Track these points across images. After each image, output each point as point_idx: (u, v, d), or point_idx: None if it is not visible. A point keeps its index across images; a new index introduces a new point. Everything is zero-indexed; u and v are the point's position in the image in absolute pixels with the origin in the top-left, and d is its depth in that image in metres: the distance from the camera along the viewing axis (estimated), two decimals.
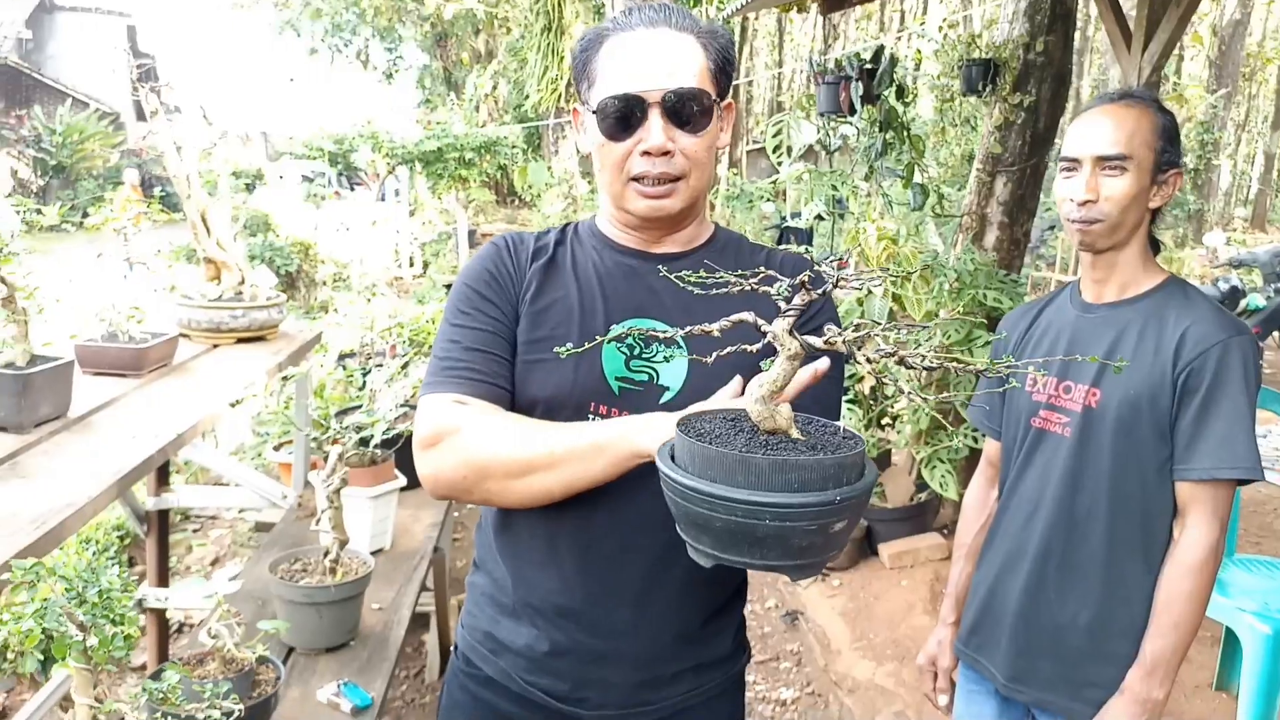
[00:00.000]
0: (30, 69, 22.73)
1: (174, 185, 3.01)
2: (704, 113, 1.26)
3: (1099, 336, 1.73)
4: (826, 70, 4.37)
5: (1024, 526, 1.82)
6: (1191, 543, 1.63)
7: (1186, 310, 1.65)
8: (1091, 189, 1.66)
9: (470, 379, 1.27)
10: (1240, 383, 1.59)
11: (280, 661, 2.02)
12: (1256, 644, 2.69)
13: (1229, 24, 18.31)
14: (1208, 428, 1.60)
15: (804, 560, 0.94)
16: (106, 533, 4.30)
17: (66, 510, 1.71)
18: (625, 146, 1.25)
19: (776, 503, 0.89)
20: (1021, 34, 4.30)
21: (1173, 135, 1.69)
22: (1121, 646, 1.70)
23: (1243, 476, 1.60)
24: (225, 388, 2.67)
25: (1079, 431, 1.72)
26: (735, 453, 0.91)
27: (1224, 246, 11.70)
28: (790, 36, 24.83)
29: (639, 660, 1.33)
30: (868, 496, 0.96)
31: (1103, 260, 1.73)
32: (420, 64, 25.77)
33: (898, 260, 4.19)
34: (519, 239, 1.40)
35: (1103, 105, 1.70)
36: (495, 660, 1.38)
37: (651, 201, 1.28)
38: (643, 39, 1.25)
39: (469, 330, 1.31)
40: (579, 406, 1.28)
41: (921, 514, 4.41)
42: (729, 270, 1.32)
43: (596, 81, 1.27)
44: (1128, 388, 1.66)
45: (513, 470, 1.20)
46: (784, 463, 0.90)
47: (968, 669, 1.96)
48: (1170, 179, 1.70)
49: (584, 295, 1.33)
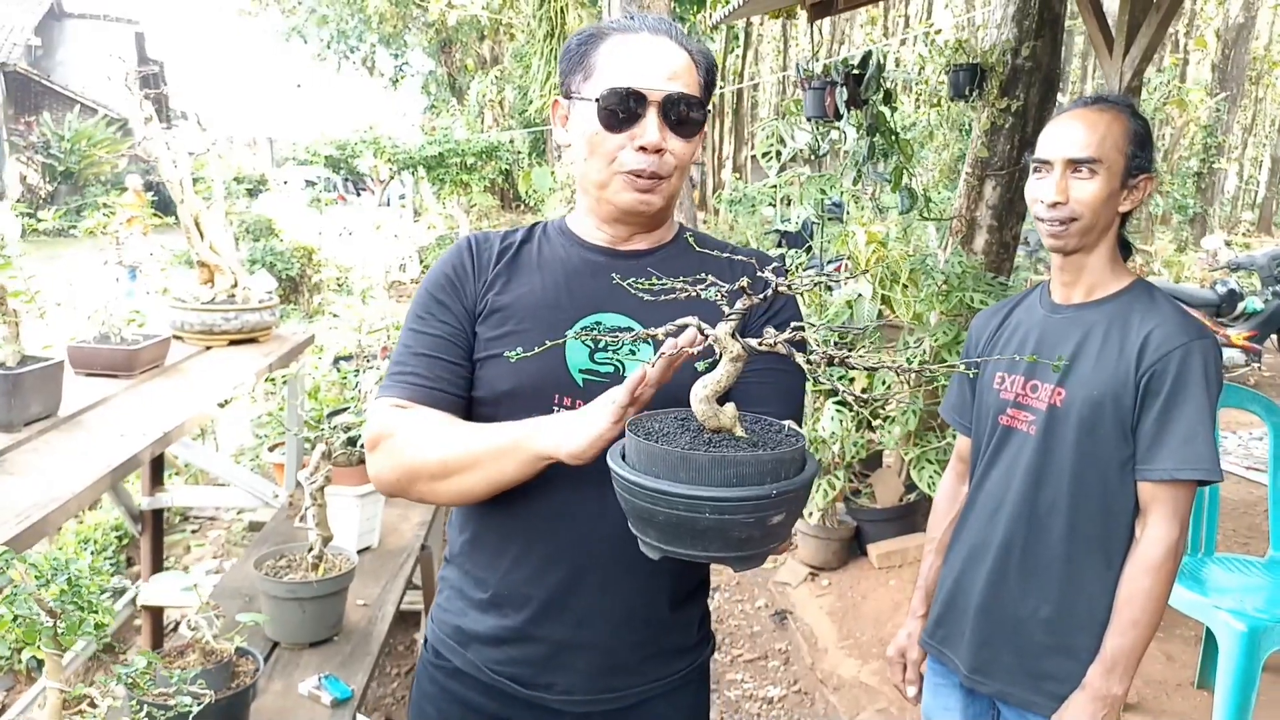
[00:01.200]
0: (39, 75, 22.90)
1: (168, 190, 3.07)
2: (696, 120, 1.32)
3: (1065, 337, 1.77)
4: (813, 75, 4.41)
5: (988, 521, 1.85)
6: (1152, 541, 1.66)
7: (1151, 313, 1.69)
8: (1061, 191, 1.69)
9: (414, 384, 1.32)
10: (1201, 385, 1.63)
11: (261, 654, 2.06)
12: (1232, 641, 2.71)
13: (1233, 28, 18.30)
14: (1169, 429, 1.63)
15: (745, 552, 0.98)
16: (105, 533, 4.36)
17: (50, 505, 1.76)
18: (619, 139, 1.29)
19: (715, 496, 0.93)
20: (1009, 39, 4.35)
21: (1144, 140, 1.73)
22: (1081, 640, 1.73)
23: (1202, 477, 1.63)
24: (215, 388, 2.73)
25: (1043, 429, 1.76)
26: (677, 450, 0.96)
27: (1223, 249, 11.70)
28: (795, 41, 24.87)
29: (605, 647, 1.37)
30: (806, 491, 1.00)
31: (1071, 262, 1.77)
32: (425, 70, 25.90)
33: (886, 263, 4.22)
34: (484, 238, 1.44)
35: (1076, 109, 1.74)
36: (463, 652, 1.42)
37: (638, 195, 1.32)
38: (648, 43, 1.31)
39: (421, 335, 1.36)
40: (542, 399, 1.31)
41: (910, 514, 4.44)
42: (691, 266, 1.38)
43: (595, 74, 1.31)
44: (1091, 388, 1.70)
45: (437, 472, 1.26)
46: (722, 459, 0.95)
47: (934, 661, 1.99)
48: (1141, 183, 1.73)
49: (548, 290, 1.36)
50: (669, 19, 1.37)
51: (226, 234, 3.25)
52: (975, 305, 4.08)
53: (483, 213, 18.18)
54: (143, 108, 2.99)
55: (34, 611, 1.13)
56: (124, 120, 23.56)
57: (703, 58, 1.35)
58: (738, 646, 3.85)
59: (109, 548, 4.34)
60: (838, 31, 23.02)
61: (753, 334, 1.06)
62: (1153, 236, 13.89)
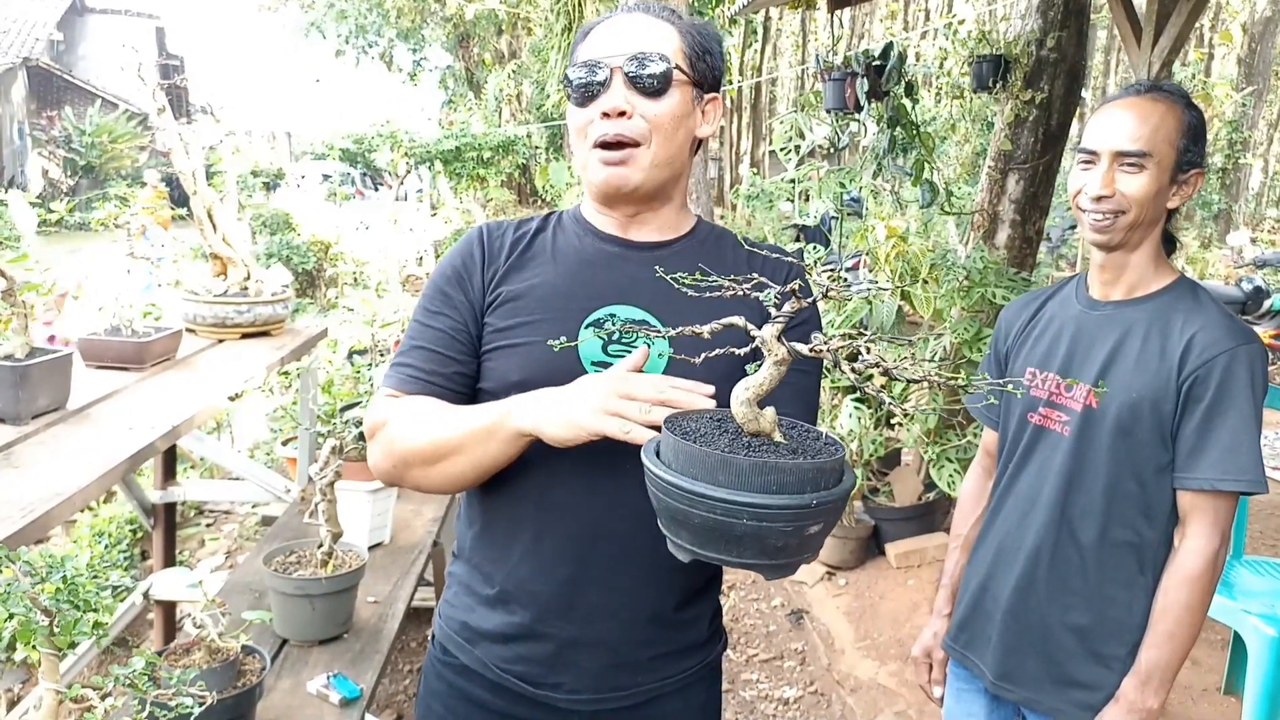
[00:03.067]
0: (61, 70, 23.06)
1: (181, 182, 3.05)
2: (664, 78, 1.27)
3: (1103, 336, 1.69)
4: (832, 67, 4.35)
5: (1019, 524, 1.79)
6: (1191, 552, 1.61)
7: (1194, 314, 1.62)
8: (1108, 184, 1.61)
9: (411, 377, 1.32)
10: (1246, 392, 1.56)
11: (268, 652, 2.04)
12: (1262, 647, 2.64)
13: (1260, 21, 18.03)
14: (1211, 438, 1.57)
15: (779, 560, 0.96)
16: (119, 526, 4.36)
17: (55, 499, 1.74)
18: (588, 113, 1.28)
19: (755, 503, 0.91)
20: (1034, 29, 4.27)
21: (1198, 134, 1.64)
22: (1111, 648, 1.68)
23: (1245, 489, 1.56)
24: (226, 382, 2.70)
25: (1078, 431, 1.69)
26: (718, 452, 0.94)
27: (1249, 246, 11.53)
28: (814, 35, 24.72)
29: (612, 645, 1.33)
30: (844, 502, 0.98)
31: (1113, 259, 1.69)
32: (443, 65, 25.91)
33: (906, 259, 4.16)
34: (496, 227, 1.41)
35: (1128, 97, 1.65)
36: (470, 649, 1.39)
37: (610, 169, 1.28)
38: (618, 19, 1.31)
39: (424, 328, 1.35)
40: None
41: (929, 513, 4.38)
42: (709, 260, 1.35)
43: (574, 62, 1.32)
44: (1129, 390, 1.63)
45: (428, 457, 1.25)
46: (764, 465, 0.93)
47: (957, 666, 1.94)
48: (1192, 179, 1.65)
49: (562, 280, 1.34)
50: (657, 1, 1.35)
51: (240, 226, 3.23)
52: (997, 301, 4.00)
53: (499, 207, 18.18)
54: (155, 99, 2.97)
55: (28, 610, 1.10)
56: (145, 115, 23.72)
57: (690, 29, 1.32)
58: (753, 646, 3.80)
59: (122, 541, 4.34)
60: (857, 25, 22.85)
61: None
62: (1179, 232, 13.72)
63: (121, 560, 4.25)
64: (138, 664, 1.20)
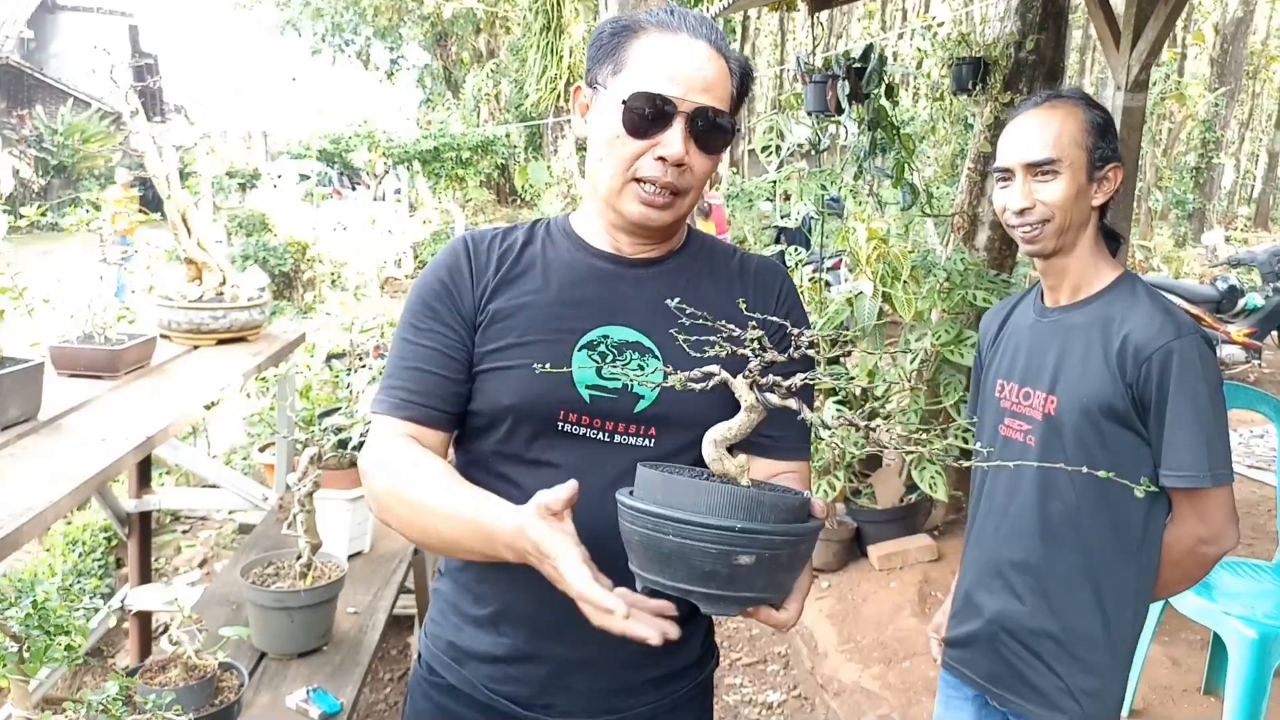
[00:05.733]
0: (32, 68, 22.76)
1: (155, 185, 2.99)
2: (723, 136, 1.25)
3: (1052, 343, 1.71)
4: (813, 69, 4.34)
5: (994, 535, 1.80)
6: (1172, 539, 1.66)
7: (1130, 312, 1.62)
8: (1026, 196, 1.63)
9: (406, 401, 1.27)
10: (1186, 388, 1.55)
11: (247, 665, 2.00)
12: (1242, 648, 2.66)
13: (1231, 22, 18.24)
14: (1163, 438, 1.58)
15: (711, 589, 0.95)
16: (93, 534, 4.29)
17: (26, 515, 1.69)
18: (639, 146, 1.22)
19: (677, 517, 0.93)
20: (1013, 32, 4.28)
21: (1105, 130, 1.66)
22: (1099, 655, 1.68)
23: (1188, 485, 1.58)
24: (202, 390, 2.65)
25: (1042, 439, 1.69)
26: (660, 473, 0.98)
27: (1223, 245, 11.65)
28: (792, 35, 24.78)
29: (606, 667, 1.31)
30: (788, 543, 0.96)
31: (1052, 265, 1.71)
32: (421, 64, 25.78)
33: (887, 260, 4.16)
34: (480, 238, 1.36)
35: (1028, 110, 1.68)
36: (459, 669, 1.36)
37: (647, 210, 1.25)
38: (686, 46, 1.23)
39: (414, 346, 1.29)
40: (547, 415, 1.26)
41: (911, 515, 4.38)
42: (701, 274, 1.35)
43: (625, 71, 1.23)
44: (1081, 395, 1.63)
45: (406, 528, 1.25)
46: (696, 485, 0.95)
47: (947, 674, 1.94)
48: (1110, 173, 1.66)
49: (553, 298, 1.29)
50: (710, 21, 1.28)
51: (215, 230, 3.18)
52: (978, 303, 4.01)
53: (478, 207, 18.11)
54: (129, 101, 2.91)
55: None
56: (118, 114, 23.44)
57: (738, 67, 1.28)
58: (736, 650, 3.79)
59: (98, 549, 4.28)
60: (835, 25, 22.93)
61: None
62: (1152, 232, 13.85)
63: (96, 569, 4.18)
64: (112, 689, 1.16)
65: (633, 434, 1.27)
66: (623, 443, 1.27)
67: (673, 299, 1.22)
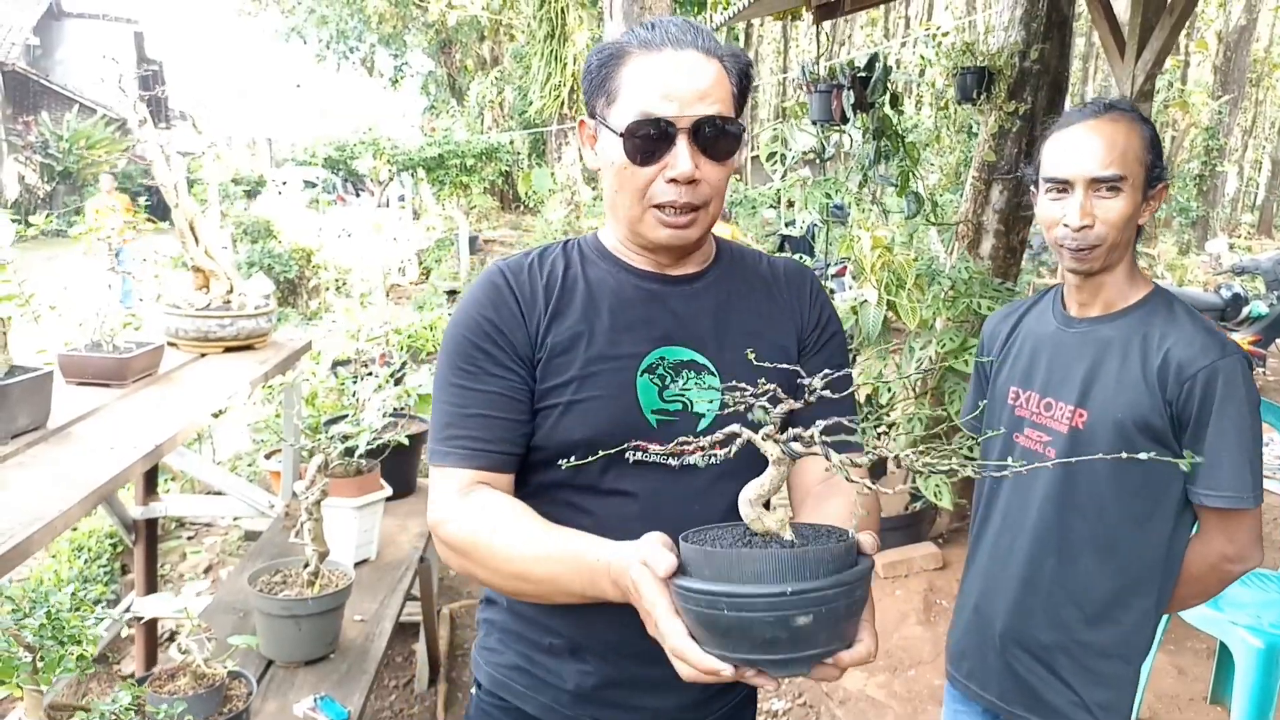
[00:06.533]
0: (38, 75, 22.83)
1: (162, 194, 3.01)
2: (731, 141, 1.23)
3: (1081, 355, 1.67)
4: (818, 79, 4.35)
5: (1009, 549, 1.77)
6: (1193, 554, 1.65)
7: (1170, 328, 1.60)
8: (1087, 213, 1.57)
9: (478, 450, 1.24)
10: (1229, 408, 1.54)
11: (254, 676, 2.00)
12: (1249, 658, 2.65)
13: (1234, 30, 18.26)
14: (1198, 454, 1.56)
15: (776, 655, 0.93)
16: (99, 540, 4.30)
17: (36, 524, 1.70)
18: (649, 172, 1.22)
19: (729, 592, 0.91)
20: (1017, 41, 4.29)
21: (1158, 147, 1.63)
22: (1113, 667, 1.68)
23: (1226, 505, 1.56)
24: (209, 398, 2.66)
25: (1063, 452, 1.66)
26: (703, 548, 0.95)
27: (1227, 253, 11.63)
28: (795, 42, 24.83)
29: (675, 685, 1.31)
30: (844, 593, 0.92)
31: (1092, 282, 1.67)
32: (425, 71, 25.85)
33: (892, 268, 4.16)
34: (518, 269, 1.32)
35: (1088, 120, 1.60)
36: (534, 696, 1.36)
37: (673, 231, 1.25)
38: (671, 61, 1.21)
39: (472, 393, 1.25)
40: (617, 446, 1.22)
41: (916, 523, 4.38)
42: (739, 282, 1.38)
43: (619, 100, 1.22)
44: (1115, 410, 1.60)
45: (494, 576, 1.21)
46: (740, 555, 0.92)
47: (953, 689, 1.93)
48: (1158, 193, 1.64)
49: (607, 326, 1.28)
50: (693, 24, 1.26)
51: (222, 238, 3.19)
52: (982, 311, 4.01)
53: (482, 214, 18.13)
54: (137, 110, 2.93)
55: (11, 647, 1.07)
56: (123, 120, 23.50)
57: (734, 62, 1.26)
58: None
59: (103, 555, 4.28)
60: (838, 33, 22.97)
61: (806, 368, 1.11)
62: (1155, 240, 13.84)
63: (102, 575, 4.19)
64: (124, 698, 1.17)
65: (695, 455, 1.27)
66: (689, 463, 1.24)
67: (720, 313, 1.29)
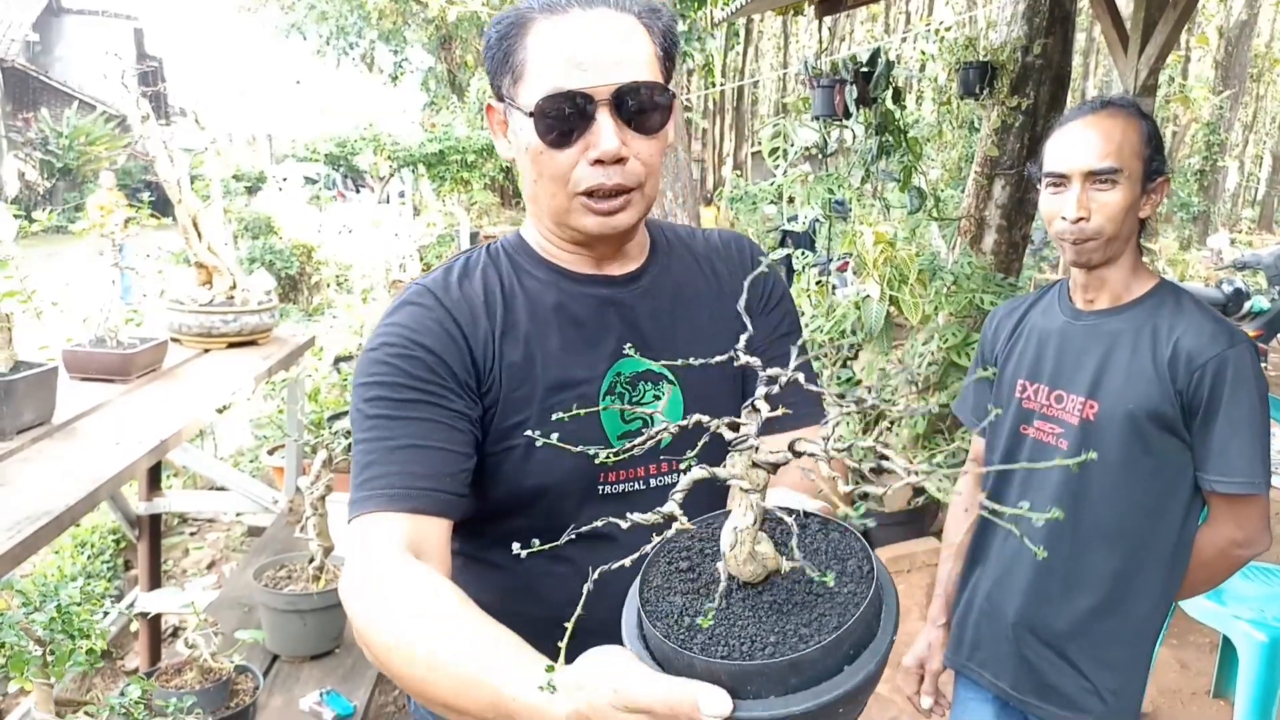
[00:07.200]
0: (38, 71, 22.80)
1: (165, 190, 3.01)
2: (659, 110, 1.07)
3: (1090, 347, 1.69)
4: (821, 74, 4.35)
5: (1020, 539, 1.77)
6: (1203, 540, 1.66)
7: (1179, 319, 1.62)
8: (1083, 205, 1.60)
9: (405, 488, 1.00)
10: (1240, 395, 1.56)
11: (260, 670, 2.01)
12: (1252, 652, 2.66)
13: (1236, 25, 18.23)
14: (1209, 443, 1.59)
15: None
16: (102, 536, 4.30)
17: (43, 518, 1.70)
18: (570, 155, 1.05)
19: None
20: (1020, 36, 4.29)
21: (1157, 142, 1.65)
22: (1123, 652, 1.69)
23: (1237, 491, 1.58)
24: (213, 393, 2.66)
25: (1077, 445, 1.68)
26: (683, 655, 0.74)
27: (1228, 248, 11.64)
28: (795, 38, 24.80)
29: None
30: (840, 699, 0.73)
31: (1095, 276, 1.70)
32: (425, 66, 25.81)
33: (894, 263, 4.17)
34: (444, 287, 1.14)
35: (1085, 116, 1.64)
36: None
37: (603, 219, 1.08)
38: (579, 23, 1.04)
39: (398, 421, 1.04)
40: (588, 484, 1.13)
41: (919, 519, 4.38)
42: (682, 273, 1.24)
43: (526, 76, 1.05)
44: (1126, 402, 1.62)
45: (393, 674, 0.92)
46: (725, 669, 0.73)
47: (964, 679, 1.93)
48: (1158, 186, 1.66)
49: (561, 348, 1.13)
50: None
51: (224, 234, 3.19)
52: (984, 306, 4.02)
53: (483, 210, 18.12)
54: (139, 106, 2.93)
55: (21, 641, 1.07)
56: (123, 116, 23.50)
57: (654, 18, 1.09)
58: None
59: (106, 551, 4.29)
60: (839, 27, 22.95)
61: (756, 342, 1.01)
62: (1157, 235, 13.84)
63: (105, 571, 4.19)
64: (134, 692, 1.17)
65: (665, 472, 1.16)
66: (658, 484, 1.16)
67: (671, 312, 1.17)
